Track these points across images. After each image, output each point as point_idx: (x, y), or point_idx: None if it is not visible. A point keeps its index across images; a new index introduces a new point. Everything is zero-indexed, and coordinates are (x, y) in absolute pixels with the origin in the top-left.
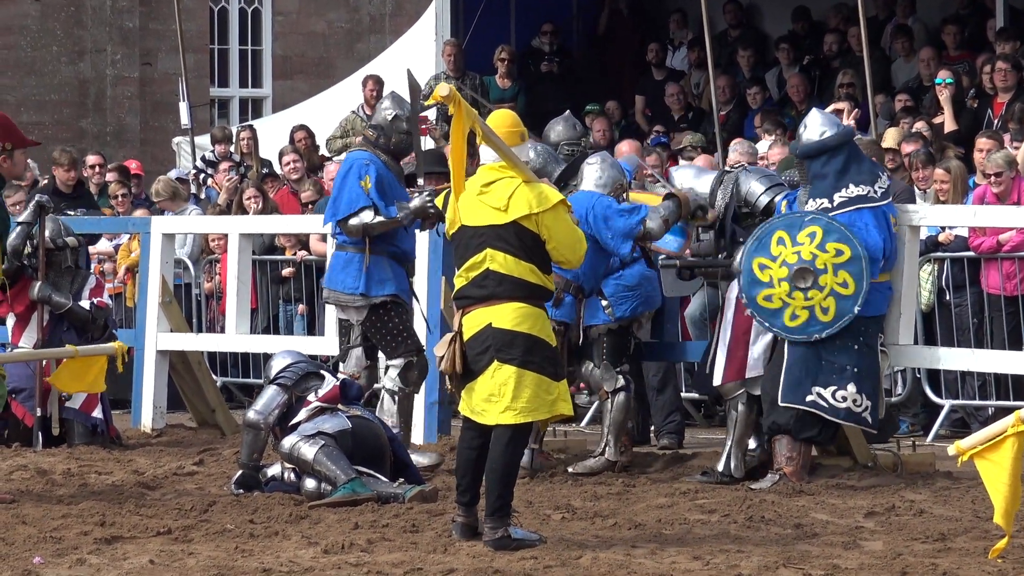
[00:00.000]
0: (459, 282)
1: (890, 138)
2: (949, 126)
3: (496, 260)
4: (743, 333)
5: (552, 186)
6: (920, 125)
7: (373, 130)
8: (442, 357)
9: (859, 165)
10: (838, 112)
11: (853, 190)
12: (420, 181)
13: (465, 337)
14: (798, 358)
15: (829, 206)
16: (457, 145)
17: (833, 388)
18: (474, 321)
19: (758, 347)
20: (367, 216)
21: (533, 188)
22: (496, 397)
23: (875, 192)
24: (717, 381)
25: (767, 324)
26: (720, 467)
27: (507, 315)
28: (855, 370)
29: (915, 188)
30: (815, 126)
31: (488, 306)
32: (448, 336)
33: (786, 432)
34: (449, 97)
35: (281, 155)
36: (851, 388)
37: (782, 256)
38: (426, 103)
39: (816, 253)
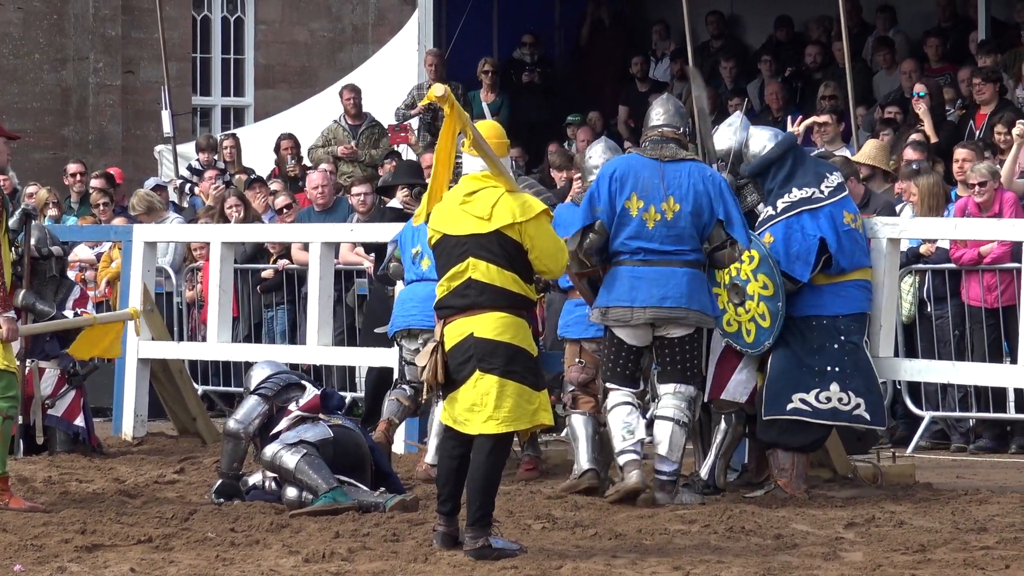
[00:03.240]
0: (440, 292)
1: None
2: (932, 138)
3: (479, 269)
4: (732, 355)
5: (534, 195)
6: (917, 136)
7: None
8: (423, 367)
9: (804, 168)
10: (822, 125)
11: (796, 194)
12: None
13: (447, 347)
14: (779, 371)
15: (774, 212)
16: (445, 147)
17: (816, 391)
18: (456, 331)
19: (743, 373)
20: None
21: (516, 197)
22: (479, 407)
23: (821, 192)
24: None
25: (736, 345)
26: (704, 475)
27: (489, 325)
28: (836, 370)
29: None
30: (758, 142)
31: (470, 315)
32: (430, 346)
33: (777, 445)
34: (444, 98)
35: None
36: (834, 388)
37: (723, 279)
38: (421, 103)
39: (749, 277)
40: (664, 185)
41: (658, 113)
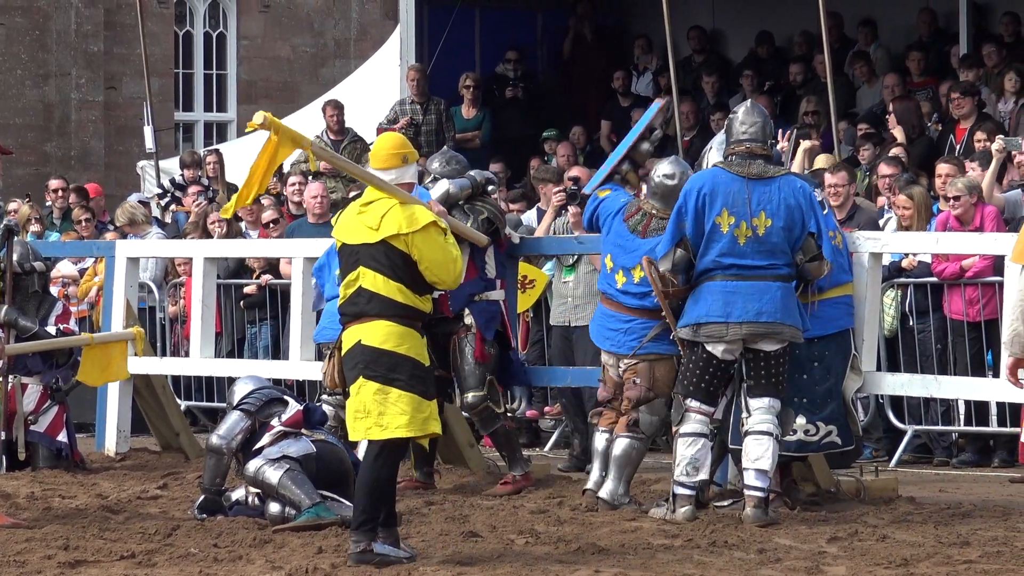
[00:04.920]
0: (340, 299)
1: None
2: (899, 138)
3: (367, 278)
4: None
5: (425, 206)
6: (898, 151)
7: None
8: (323, 371)
9: None
10: (810, 149)
11: None
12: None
13: (342, 354)
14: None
15: None
16: (259, 163)
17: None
18: (348, 338)
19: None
20: None
21: (406, 209)
22: (362, 414)
23: None
24: None
25: None
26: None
27: (375, 333)
28: (804, 400)
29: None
30: None
31: (359, 323)
32: (329, 352)
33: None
34: (266, 124)
35: (287, 176)
36: (800, 420)
37: None
38: (248, 129)
39: None
40: (751, 203)
41: (744, 125)
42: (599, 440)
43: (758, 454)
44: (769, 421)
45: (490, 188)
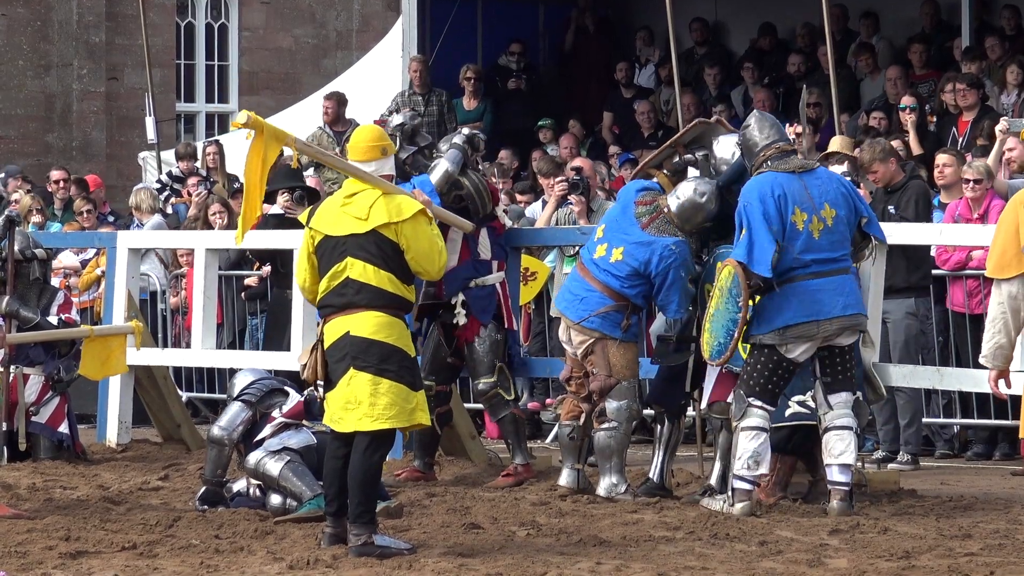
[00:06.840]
0: (321, 292)
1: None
2: (916, 150)
3: (355, 268)
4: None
5: (410, 195)
6: (897, 144)
7: None
8: (304, 366)
9: None
10: (798, 136)
11: None
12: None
13: (326, 346)
14: None
15: None
16: (252, 169)
17: (812, 392)
18: (334, 330)
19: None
20: None
21: (392, 199)
22: (353, 404)
23: None
24: (705, 401)
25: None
26: (713, 482)
27: (365, 323)
28: None
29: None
30: (726, 148)
31: (347, 315)
32: (310, 345)
33: (777, 450)
34: (249, 123)
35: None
36: None
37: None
38: (233, 126)
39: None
40: (813, 196)
41: (764, 131)
42: (562, 434)
43: (841, 449)
44: (848, 415)
45: (476, 140)
